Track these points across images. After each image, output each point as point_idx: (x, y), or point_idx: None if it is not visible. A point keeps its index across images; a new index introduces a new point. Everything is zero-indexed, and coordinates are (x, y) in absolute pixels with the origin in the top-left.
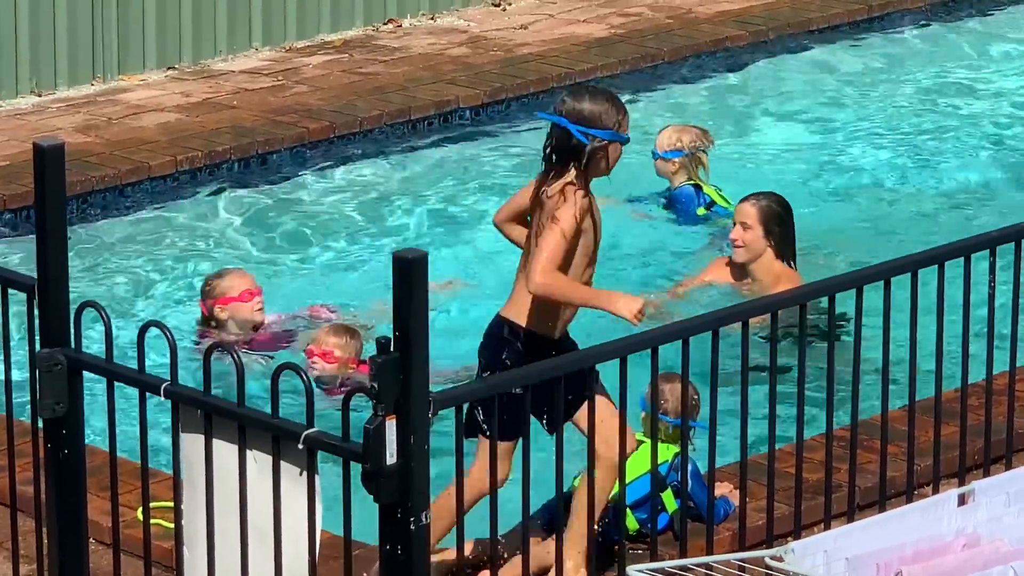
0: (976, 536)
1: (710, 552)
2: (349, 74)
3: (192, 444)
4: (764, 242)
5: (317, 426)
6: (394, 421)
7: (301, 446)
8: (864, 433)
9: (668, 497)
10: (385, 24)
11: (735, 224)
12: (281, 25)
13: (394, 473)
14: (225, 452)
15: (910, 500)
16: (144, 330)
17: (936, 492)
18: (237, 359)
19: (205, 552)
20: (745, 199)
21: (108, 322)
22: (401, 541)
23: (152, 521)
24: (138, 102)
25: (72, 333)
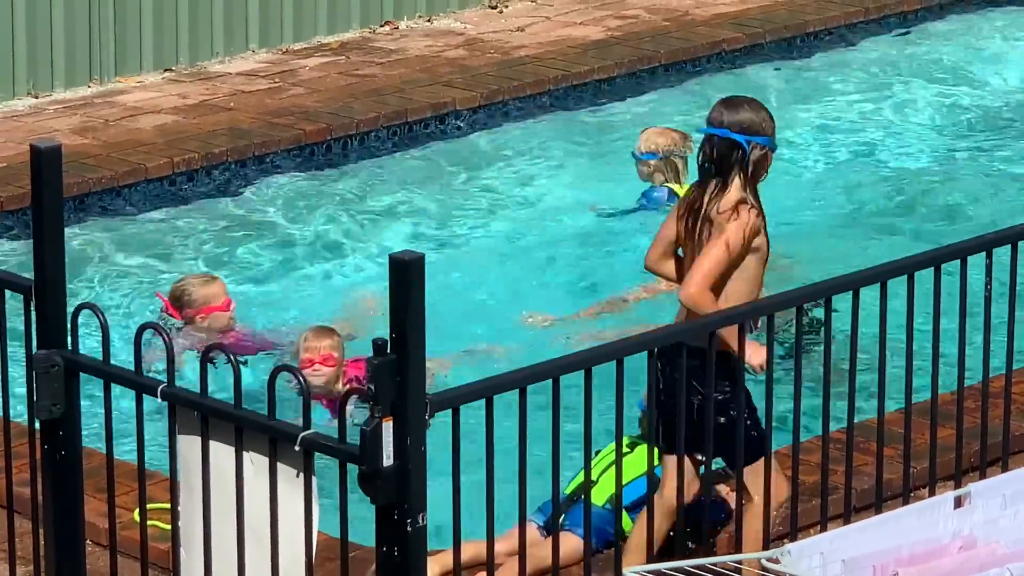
0: (972, 538)
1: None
2: (346, 76)
3: (189, 446)
4: None
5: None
6: (391, 423)
7: (298, 448)
8: (860, 435)
9: None
10: (382, 26)
11: None
12: (278, 27)
13: (391, 475)
14: (222, 454)
15: (906, 502)
16: (141, 332)
17: (932, 494)
18: (234, 362)
19: (202, 554)
20: None
21: (105, 324)
22: (398, 543)
23: (149, 523)
24: (135, 104)
25: (69, 335)
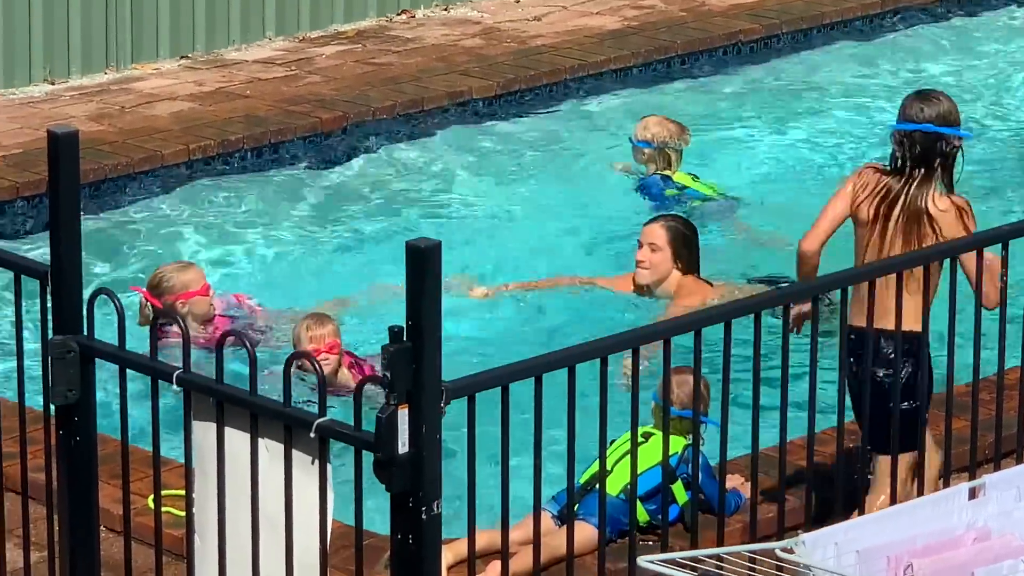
0: (987, 530)
1: (721, 544)
2: (362, 64)
3: (204, 432)
4: (671, 264)
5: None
6: (406, 410)
7: (313, 435)
8: None
9: (678, 489)
10: (399, 15)
11: (641, 245)
12: (295, 15)
13: (406, 462)
14: (237, 440)
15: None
16: (156, 318)
17: (947, 486)
18: (250, 348)
19: (216, 540)
20: (653, 220)
21: (121, 309)
22: (412, 530)
23: (163, 509)
24: (151, 91)
25: (85, 320)
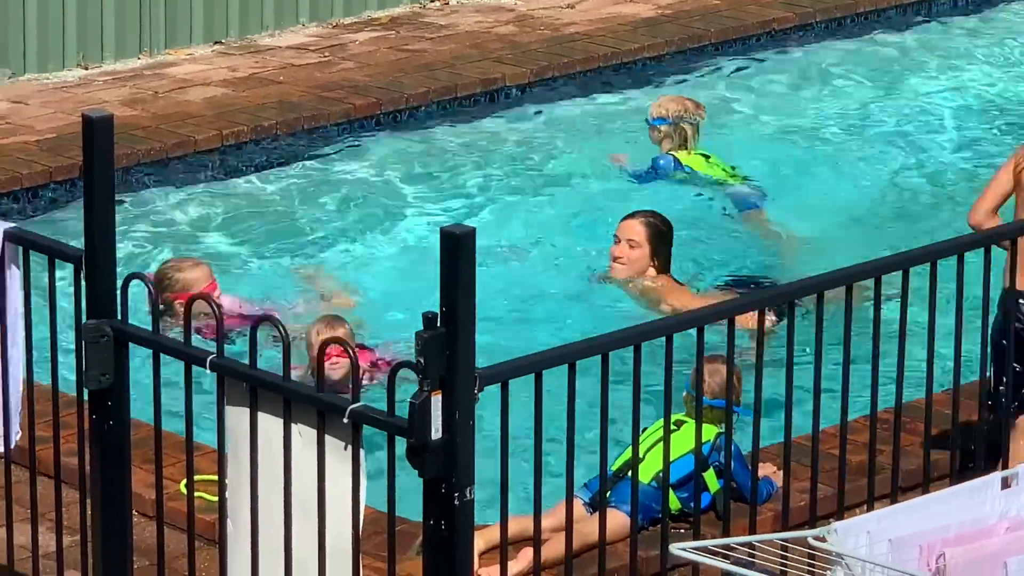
0: (1019, 519)
1: (752, 532)
2: (396, 51)
3: (237, 417)
4: (648, 262)
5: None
6: (440, 396)
7: (346, 420)
8: (907, 416)
9: (710, 477)
10: (432, 1)
11: (618, 240)
12: (328, 1)
13: (439, 448)
14: (270, 425)
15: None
16: (190, 302)
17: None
18: (284, 334)
19: (248, 525)
20: (631, 216)
21: (154, 294)
22: (445, 516)
23: (196, 494)
24: (185, 76)
25: (119, 305)
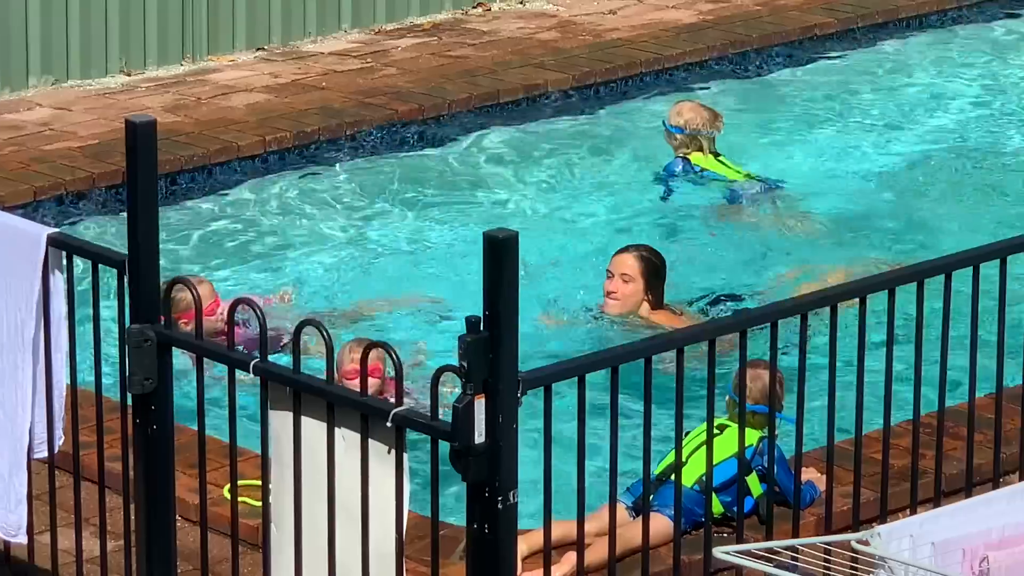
0: None
1: (796, 535)
2: (438, 57)
3: (280, 422)
4: (642, 296)
5: None
6: (483, 400)
7: (390, 424)
8: (950, 420)
9: (753, 481)
10: (474, 7)
11: (611, 275)
12: (370, 7)
13: (483, 452)
14: (313, 429)
15: (996, 487)
16: (233, 307)
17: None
18: (327, 338)
19: (292, 530)
20: (624, 250)
21: (198, 299)
22: (489, 520)
23: (239, 499)
24: (227, 82)
25: (162, 309)
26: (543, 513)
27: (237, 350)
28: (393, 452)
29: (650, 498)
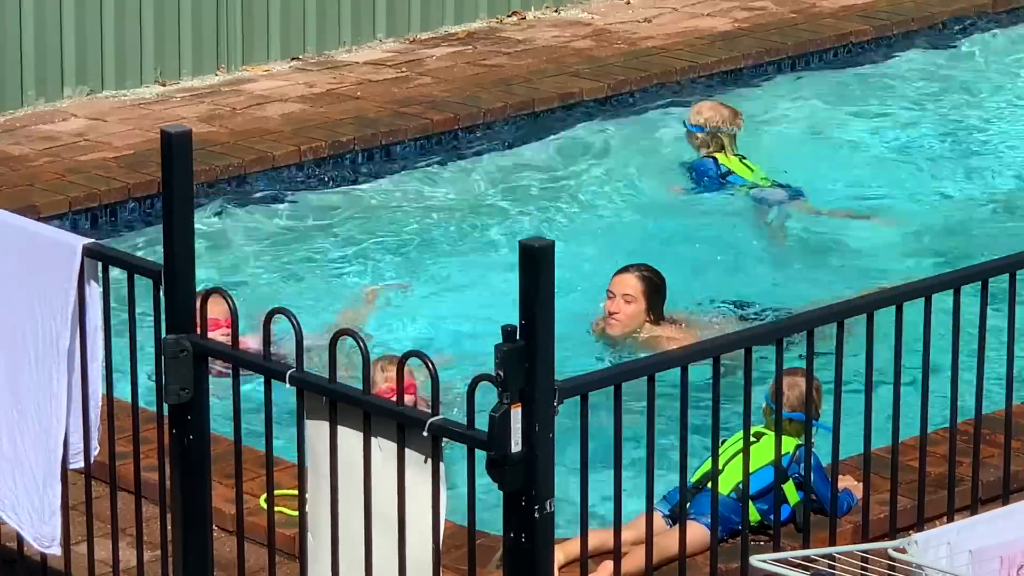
0: None
1: (833, 543)
2: (473, 66)
3: (316, 431)
4: (644, 317)
5: None
6: (519, 409)
7: (426, 433)
8: (987, 427)
9: (789, 489)
10: (509, 16)
11: (612, 296)
12: (405, 17)
13: (519, 461)
14: (349, 439)
15: None
16: (270, 317)
17: None
18: (363, 347)
19: (329, 539)
20: (625, 270)
21: (234, 309)
22: (525, 529)
23: (276, 508)
24: (262, 92)
25: (198, 320)
26: (580, 521)
27: (272, 359)
28: (430, 461)
29: (687, 506)
